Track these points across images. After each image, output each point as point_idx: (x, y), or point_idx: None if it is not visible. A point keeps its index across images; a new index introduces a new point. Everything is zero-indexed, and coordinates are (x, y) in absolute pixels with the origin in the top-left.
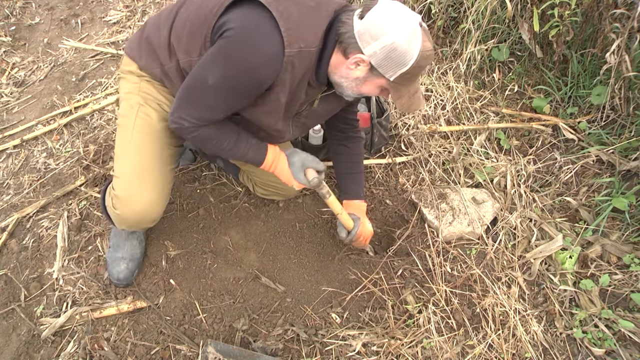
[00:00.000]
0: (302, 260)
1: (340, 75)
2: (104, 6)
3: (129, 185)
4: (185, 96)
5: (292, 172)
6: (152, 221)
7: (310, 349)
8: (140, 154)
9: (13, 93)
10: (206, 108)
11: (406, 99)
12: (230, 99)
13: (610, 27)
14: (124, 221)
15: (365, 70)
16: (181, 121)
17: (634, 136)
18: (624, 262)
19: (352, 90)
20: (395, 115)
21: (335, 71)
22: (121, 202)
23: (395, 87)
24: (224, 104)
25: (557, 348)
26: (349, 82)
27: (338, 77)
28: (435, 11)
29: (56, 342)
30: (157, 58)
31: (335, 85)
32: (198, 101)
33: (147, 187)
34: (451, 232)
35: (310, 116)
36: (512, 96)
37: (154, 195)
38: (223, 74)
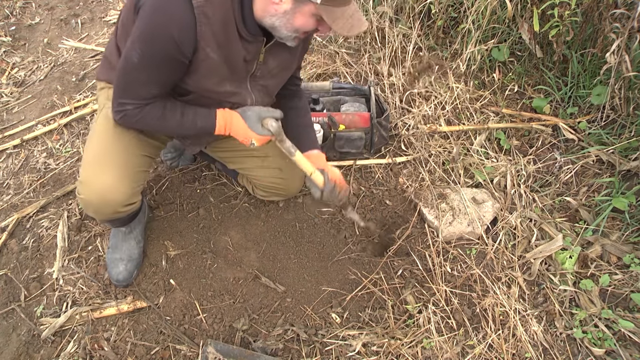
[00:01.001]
0: (302, 260)
1: (269, 14)
2: (104, 6)
3: (89, 168)
4: (119, 82)
5: (249, 125)
6: (120, 204)
7: (310, 349)
8: (100, 141)
9: (13, 93)
10: (140, 85)
11: (342, 21)
12: (158, 70)
13: (610, 27)
14: (89, 205)
15: (291, 1)
16: (123, 107)
17: (634, 136)
18: (624, 262)
19: (287, 27)
20: (395, 115)
21: (264, 14)
22: (82, 185)
23: (327, 10)
24: (155, 77)
25: (557, 348)
26: (280, 20)
27: (269, 19)
28: (435, 11)
29: (56, 342)
30: (111, 65)
31: (271, 30)
32: (130, 82)
33: (107, 167)
34: (451, 232)
35: (265, 76)
36: (512, 96)
37: (114, 175)
38: (141, 46)
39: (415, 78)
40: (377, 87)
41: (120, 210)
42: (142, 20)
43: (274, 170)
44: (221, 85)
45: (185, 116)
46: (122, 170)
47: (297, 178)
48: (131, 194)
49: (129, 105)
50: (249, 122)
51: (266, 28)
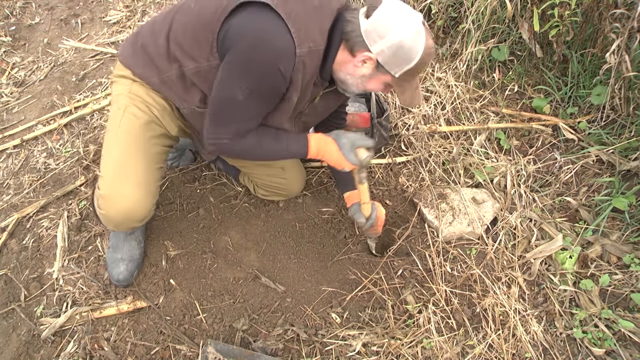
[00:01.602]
0: (302, 260)
1: (346, 72)
2: (104, 6)
3: (112, 184)
4: (218, 116)
5: (343, 154)
6: (139, 221)
7: (310, 349)
8: (124, 152)
9: (13, 93)
10: (244, 121)
11: (409, 94)
12: (264, 104)
13: (610, 27)
14: (110, 221)
15: (372, 68)
16: (219, 140)
17: (634, 136)
18: (624, 262)
19: (357, 86)
20: (395, 115)
21: (340, 69)
22: (105, 201)
23: (399, 83)
24: (259, 111)
25: (557, 348)
26: (355, 79)
27: (344, 75)
28: (435, 11)
29: (56, 342)
30: (155, 66)
31: (339, 82)
32: (233, 118)
33: (131, 185)
34: (451, 232)
35: (310, 114)
36: (512, 96)
37: (138, 194)
38: (250, 83)
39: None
40: None
41: (137, 226)
42: (247, 56)
43: (277, 169)
44: (283, 123)
45: (279, 142)
46: (144, 187)
47: (299, 178)
48: (151, 210)
49: (225, 139)
50: (343, 150)
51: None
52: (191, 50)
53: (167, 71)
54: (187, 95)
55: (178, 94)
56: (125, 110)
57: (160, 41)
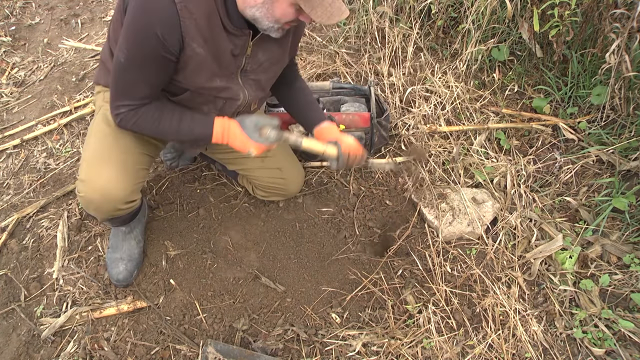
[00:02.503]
0: (302, 260)
1: (249, 5)
2: (104, 6)
3: (89, 167)
4: (112, 84)
5: (247, 134)
6: (120, 201)
7: (310, 349)
8: (99, 140)
9: (13, 93)
10: (130, 86)
11: (321, 9)
12: (146, 69)
13: (610, 27)
14: (90, 203)
15: None
16: (119, 110)
17: (634, 136)
18: (624, 262)
19: (268, 18)
20: (395, 115)
21: (244, 5)
22: (82, 183)
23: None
24: (144, 76)
25: (557, 348)
26: (260, 10)
27: (249, 10)
28: (435, 11)
29: (56, 342)
30: (108, 70)
31: (253, 22)
32: (121, 82)
33: (106, 165)
34: (451, 232)
35: (256, 70)
36: (512, 96)
37: (114, 173)
38: (127, 46)
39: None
40: (377, 87)
41: (120, 208)
42: (127, 20)
43: (274, 170)
44: (212, 80)
45: (183, 122)
46: (122, 167)
47: (297, 178)
48: (131, 190)
49: (123, 107)
50: (247, 130)
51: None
52: (114, 37)
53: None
54: None
55: None
56: (101, 109)
57: (106, 47)
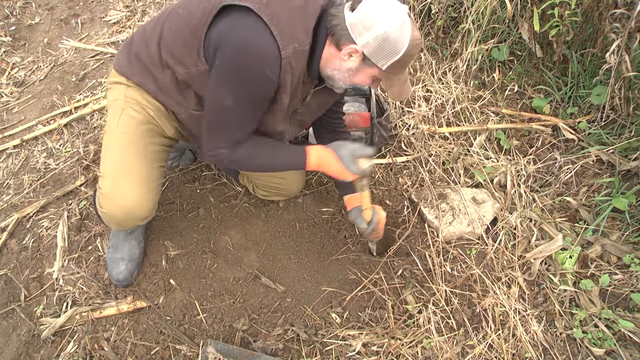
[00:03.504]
0: (302, 260)
1: (333, 67)
2: (104, 6)
3: (113, 183)
4: (211, 126)
5: (344, 165)
6: (141, 218)
7: (310, 349)
8: (123, 152)
9: (13, 93)
10: (236, 128)
11: (397, 87)
12: (253, 109)
13: (610, 27)
14: (112, 219)
15: (358, 61)
16: (217, 150)
17: (634, 136)
18: (624, 262)
19: (345, 81)
20: (395, 115)
21: (327, 64)
22: (107, 200)
23: (387, 76)
24: (251, 116)
25: (557, 348)
26: (342, 74)
27: (331, 70)
28: (435, 11)
29: (56, 342)
30: (150, 74)
31: (327, 78)
32: (225, 125)
33: (131, 183)
34: (451, 232)
35: (305, 112)
36: (512, 96)
37: (139, 191)
38: (237, 88)
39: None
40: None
41: (140, 223)
42: (232, 62)
43: None
44: (277, 125)
45: (277, 155)
46: (145, 185)
47: (298, 178)
48: (153, 207)
49: (222, 149)
50: (343, 161)
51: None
52: (181, 56)
53: (162, 78)
54: (183, 100)
55: (174, 99)
56: (122, 112)
57: (152, 49)
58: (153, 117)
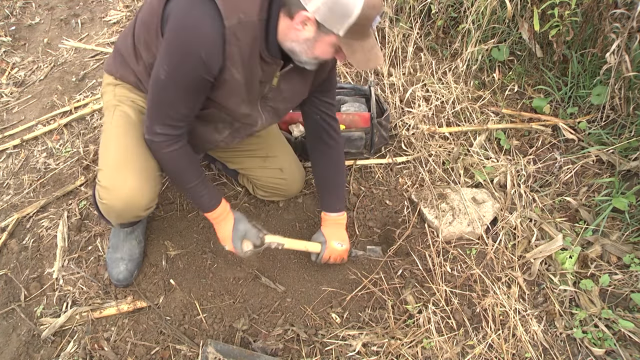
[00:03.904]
0: (302, 260)
1: (291, 39)
2: (104, 6)
3: (112, 174)
4: (150, 102)
5: (232, 237)
6: (142, 209)
7: (310, 349)
8: (120, 144)
9: (13, 93)
10: (167, 106)
11: (361, 54)
12: (185, 89)
13: (610, 27)
14: (111, 210)
15: (314, 29)
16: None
17: (634, 136)
18: (624, 262)
19: (306, 54)
20: (395, 115)
21: (285, 37)
22: (106, 191)
23: (347, 43)
24: (181, 95)
25: (557, 348)
26: (301, 45)
27: (289, 43)
28: (435, 11)
29: (56, 342)
30: (128, 65)
31: (290, 53)
32: (159, 101)
33: (130, 173)
34: (451, 232)
35: (276, 98)
36: (512, 96)
37: (138, 181)
38: (169, 64)
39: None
40: (377, 87)
41: (141, 215)
42: (170, 36)
43: (275, 170)
44: (239, 106)
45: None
46: (144, 175)
47: (298, 178)
48: (153, 197)
49: (161, 136)
50: (234, 234)
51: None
52: (147, 41)
53: (137, 68)
54: None
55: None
56: (115, 109)
57: (128, 40)
58: (144, 107)
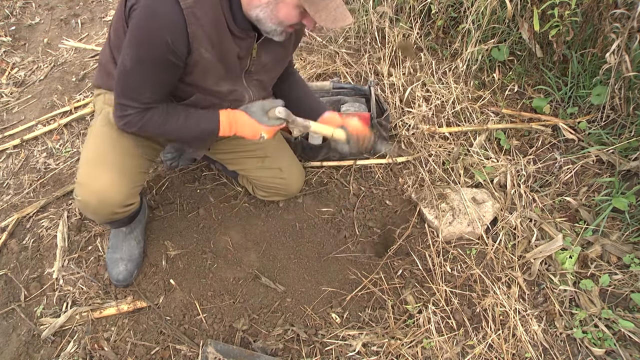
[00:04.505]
0: (302, 260)
1: (254, 6)
2: (104, 6)
3: (87, 170)
4: (117, 87)
5: (257, 119)
6: (118, 205)
7: (310, 349)
8: (97, 142)
9: (13, 93)
10: (137, 90)
11: (325, 13)
12: (151, 73)
13: (610, 27)
14: (86, 206)
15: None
16: (124, 112)
17: (634, 136)
18: (624, 262)
19: (272, 19)
20: (395, 115)
21: (249, 6)
22: (80, 187)
23: (310, 2)
24: (151, 81)
25: (557, 348)
26: (264, 11)
27: (253, 11)
28: (435, 11)
29: (56, 342)
30: (110, 73)
31: (256, 23)
32: (127, 87)
33: (104, 168)
34: (451, 232)
35: (260, 71)
36: (512, 96)
37: (111, 176)
38: (134, 51)
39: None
40: (377, 87)
41: (118, 212)
42: (133, 25)
43: (274, 170)
44: (219, 84)
45: (188, 119)
46: (120, 170)
47: (298, 178)
48: (129, 194)
49: (130, 109)
50: (255, 116)
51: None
52: (116, 41)
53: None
54: None
55: None
56: (102, 111)
57: (106, 51)
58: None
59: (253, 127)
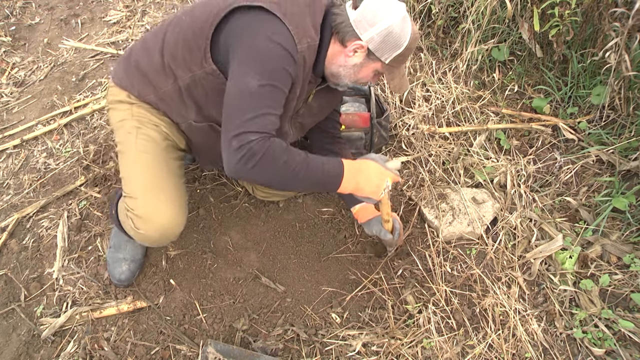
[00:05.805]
0: (302, 260)
1: (338, 64)
2: (104, 6)
3: (147, 204)
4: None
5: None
6: (175, 236)
7: (310, 349)
8: (149, 172)
9: (13, 93)
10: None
11: (397, 80)
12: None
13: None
14: (148, 239)
15: (363, 56)
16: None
17: (634, 136)
18: (624, 262)
19: (350, 77)
20: (395, 115)
21: (332, 62)
22: (143, 221)
23: (389, 70)
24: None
25: (557, 348)
26: (347, 70)
27: (336, 67)
28: (435, 11)
29: (56, 342)
30: (150, 83)
31: (331, 76)
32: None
33: (165, 203)
34: (451, 232)
35: (305, 114)
36: (512, 96)
37: (173, 210)
38: (260, 67)
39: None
40: (377, 87)
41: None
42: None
43: None
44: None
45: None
46: (177, 203)
47: None
48: (184, 222)
49: (251, 134)
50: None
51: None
52: (184, 60)
53: (164, 86)
54: (184, 109)
55: (175, 109)
56: (138, 131)
57: (154, 57)
58: (168, 133)
59: (380, 171)
